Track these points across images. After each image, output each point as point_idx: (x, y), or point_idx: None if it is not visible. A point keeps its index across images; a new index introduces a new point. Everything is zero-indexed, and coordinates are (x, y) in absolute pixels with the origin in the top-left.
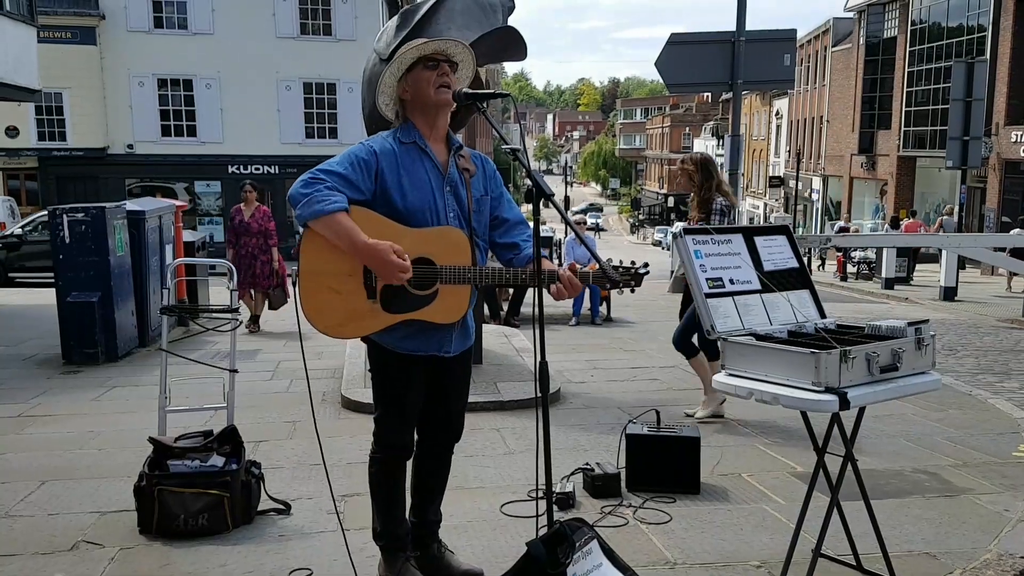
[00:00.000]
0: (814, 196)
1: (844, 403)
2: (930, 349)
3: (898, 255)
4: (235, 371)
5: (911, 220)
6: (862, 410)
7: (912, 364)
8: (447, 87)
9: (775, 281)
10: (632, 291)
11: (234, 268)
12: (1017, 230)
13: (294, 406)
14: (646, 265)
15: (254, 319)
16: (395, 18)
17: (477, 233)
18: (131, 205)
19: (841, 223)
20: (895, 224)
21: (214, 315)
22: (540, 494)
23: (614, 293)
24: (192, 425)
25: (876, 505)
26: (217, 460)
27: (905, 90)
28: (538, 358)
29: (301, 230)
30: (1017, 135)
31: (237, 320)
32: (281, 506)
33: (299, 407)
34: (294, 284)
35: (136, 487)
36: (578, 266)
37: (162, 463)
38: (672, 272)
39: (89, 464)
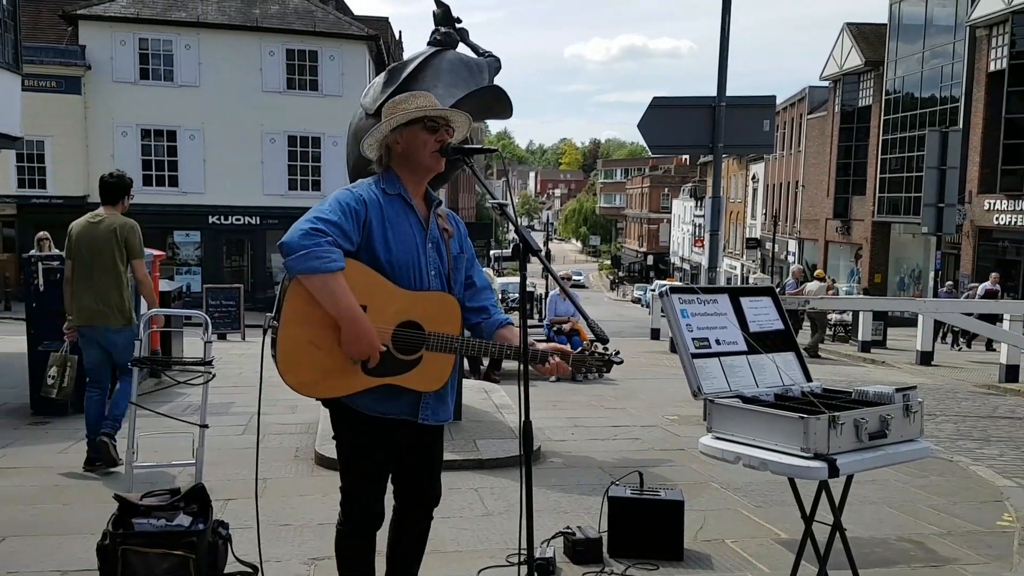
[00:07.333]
0: (790, 259)
1: (833, 470)
2: (918, 416)
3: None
4: (205, 426)
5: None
6: (850, 477)
7: (901, 431)
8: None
9: (761, 342)
10: (600, 376)
11: (209, 320)
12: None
13: (265, 463)
14: (618, 352)
15: None
16: (382, 75)
17: (454, 292)
18: None
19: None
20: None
21: (187, 367)
22: (521, 559)
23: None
24: (159, 481)
25: (862, 575)
26: (184, 519)
27: (879, 157)
28: (522, 417)
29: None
30: (990, 203)
31: (211, 373)
32: (248, 569)
33: (271, 464)
34: (266, 331)
35: (99, 546)
36: (568, 348)
37: (127, 521)
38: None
39: (53, 520)
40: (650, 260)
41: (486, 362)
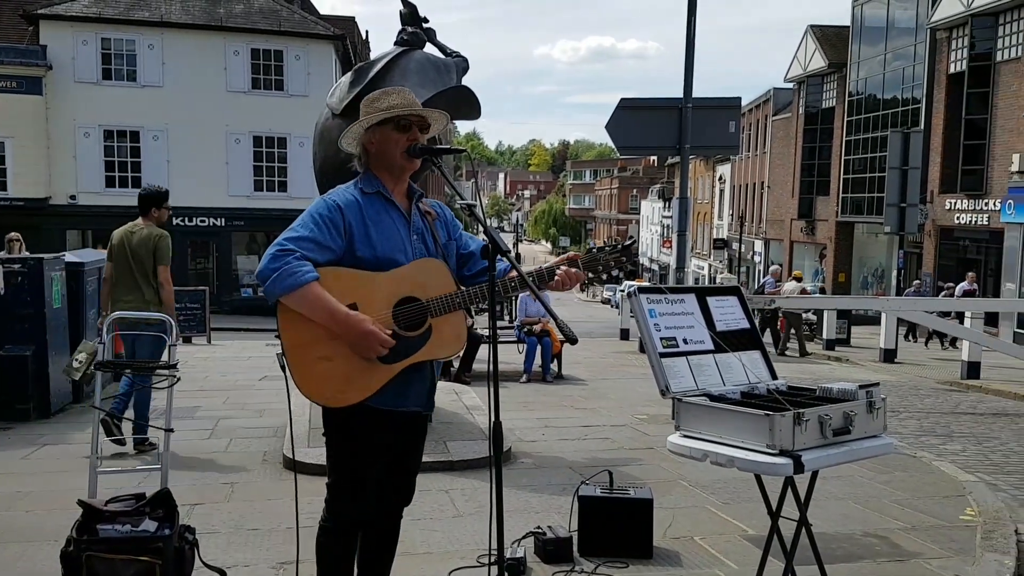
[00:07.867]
0: (756, 259)
1: (798, 466)
2: (881, 412)
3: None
4: (170, 430)
5: None
6: (815, 473)
7: (864, 427)
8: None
9: (728, 341)
10: (624, 270)
11: (173, 322)
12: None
13: (233, 467)
14: (631, 238)
15: None
16: (349, 74)
17: None
18: (70, 256)
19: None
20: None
21: (152, 371)
22: (491, 559)
23: (565, 347)
24: (125, 487)
25: (828, 570)
26: (149, 525)
27: (843, 158)
28: (492, 418)
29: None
30: (951, 203)
31: (175, 376)
32: (216, 574)
33: (238, 468)
34: (283, 368)
35: (63, 552)
36: (573, 254)
37: (91, 527)
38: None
39: (16, 527)
40: None
41: (456, 364)
